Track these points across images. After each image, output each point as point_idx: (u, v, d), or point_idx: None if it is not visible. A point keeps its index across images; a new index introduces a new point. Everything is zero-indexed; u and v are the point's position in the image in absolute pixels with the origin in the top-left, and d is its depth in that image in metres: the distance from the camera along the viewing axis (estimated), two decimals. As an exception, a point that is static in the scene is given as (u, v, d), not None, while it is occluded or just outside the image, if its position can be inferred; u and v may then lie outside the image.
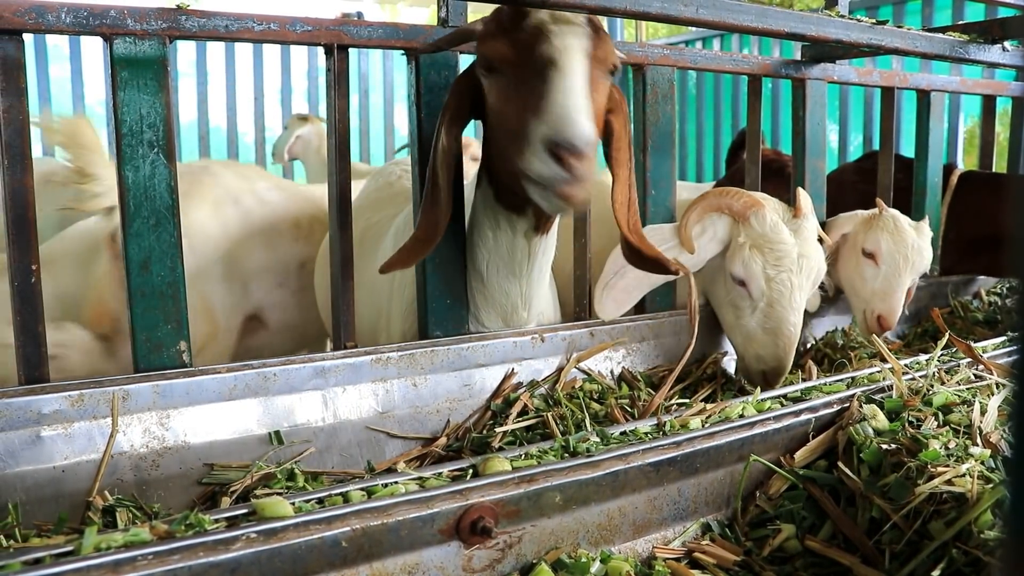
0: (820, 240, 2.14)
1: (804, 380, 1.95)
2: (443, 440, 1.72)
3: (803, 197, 2.08)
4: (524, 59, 1.49)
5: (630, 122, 1.80)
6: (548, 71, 1.44)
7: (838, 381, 1.69)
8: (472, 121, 1.76)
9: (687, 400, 1.90)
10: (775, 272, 1.94)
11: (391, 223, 2.25)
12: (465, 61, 1.93)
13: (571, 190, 1.39)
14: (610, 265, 1.98)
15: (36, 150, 1.69)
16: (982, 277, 3.06)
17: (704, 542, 1.30)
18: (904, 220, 2.36)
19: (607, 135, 1.73)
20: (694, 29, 7.04)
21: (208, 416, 1.54)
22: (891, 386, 1.59)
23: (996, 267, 3.03)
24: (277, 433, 1.59)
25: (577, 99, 1.41)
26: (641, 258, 1.80)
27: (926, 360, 1.76)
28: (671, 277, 1.97)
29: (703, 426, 1.41)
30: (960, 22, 2.81)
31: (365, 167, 5.25)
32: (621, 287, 1.98)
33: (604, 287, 1.98)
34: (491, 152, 1.70)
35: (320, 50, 1.81)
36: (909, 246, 2.30)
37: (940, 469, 1.24)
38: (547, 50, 1.46)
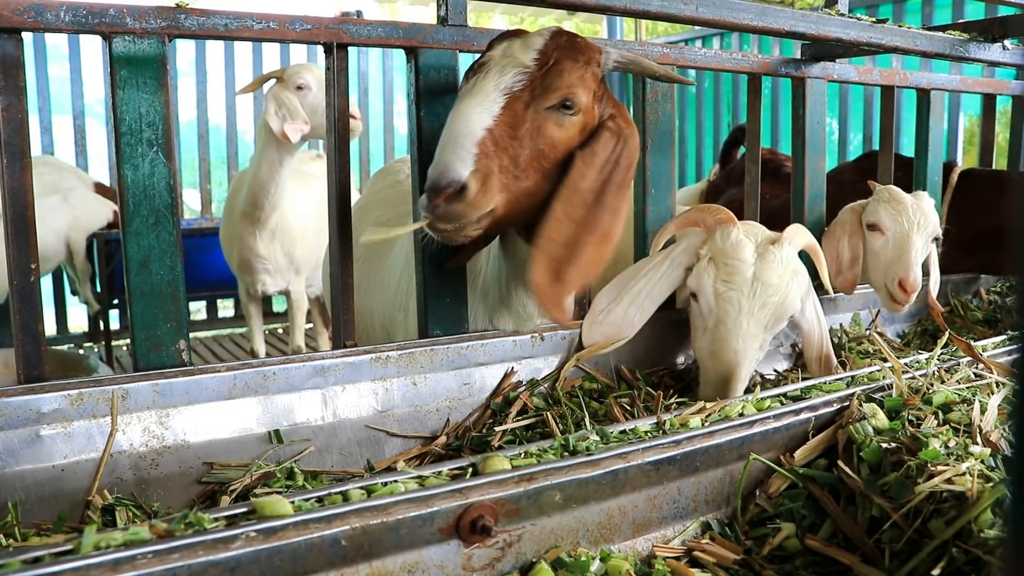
0: (823, 286, 2.07)
1: (804, 379, 1.95)
2: (443, 439, 1.72)
3: (794, 230, 1.91)
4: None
5: (618, 163, 1.66)
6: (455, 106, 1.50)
7: (838, 380, 1.69)
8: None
9: (686, 399, 1.90)
10: (724, 288, 1.79)
11: (406, 221, 2.25)
12: (465, 60, 1.93)
13: (433, 225, 1.47)
14: (601, 301, 1.96)
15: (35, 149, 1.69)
16: (983, 276, 3.06)
17: (704, 541, 1.30)
18: (898, 190, 2.40)
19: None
20: (694, 27, 7.04)
21: (207, 415, 1.54)
22: (891, 385, 1.59)
23: (998, 264, 3.02)
24: (277, 432, 1.59)
25: (455, 137, 1.43)
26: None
27: (926, 359, 1.76)
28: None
29: (703, 425, 1.41)
30: (960, 20, 2.81)
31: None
32: (610, 322, 1.95)
33: (592, 323, 1.94)
34: None
35: (320, 48, 1.81)
36: (908, 207, 2.32)
37: (940, 468, 1.24)
38: (466, 86, 1.52)
